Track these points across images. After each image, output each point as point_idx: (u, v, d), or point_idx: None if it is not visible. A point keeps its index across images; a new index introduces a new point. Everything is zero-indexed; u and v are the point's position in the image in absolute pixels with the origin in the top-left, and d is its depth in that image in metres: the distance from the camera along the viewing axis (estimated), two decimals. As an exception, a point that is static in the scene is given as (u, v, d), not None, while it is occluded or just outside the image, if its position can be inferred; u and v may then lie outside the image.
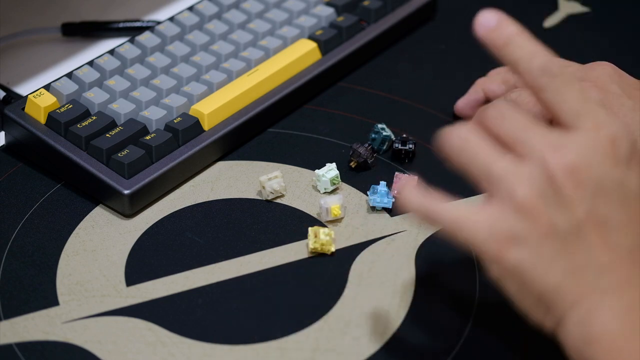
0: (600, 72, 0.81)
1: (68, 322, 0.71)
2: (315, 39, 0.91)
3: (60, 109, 0.81)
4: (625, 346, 0.58)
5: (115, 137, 0.79)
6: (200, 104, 0.83)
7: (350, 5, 0.95)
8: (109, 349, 0.69)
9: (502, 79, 0.86)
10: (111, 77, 0.85)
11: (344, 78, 0.93)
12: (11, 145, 0.83)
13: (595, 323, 0.59)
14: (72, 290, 0.73)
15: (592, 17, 1.01)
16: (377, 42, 0.95)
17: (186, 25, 0.90)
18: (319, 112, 0.89)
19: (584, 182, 0.59)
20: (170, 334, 0.70)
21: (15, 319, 0.71)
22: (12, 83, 0.91)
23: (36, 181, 0.81)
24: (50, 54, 0.95)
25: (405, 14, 0.97)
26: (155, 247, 0.77)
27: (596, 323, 0.59)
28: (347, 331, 0.71)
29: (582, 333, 0.59)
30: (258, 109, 0.86)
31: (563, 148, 0.59)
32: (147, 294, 0.73)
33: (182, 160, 0.81)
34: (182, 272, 0.75)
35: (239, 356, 0.69)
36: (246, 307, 0.72)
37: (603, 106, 0.61)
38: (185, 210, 0.80)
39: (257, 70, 0.87)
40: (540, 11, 1.02)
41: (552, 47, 0.96)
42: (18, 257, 0.75)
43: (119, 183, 0.78)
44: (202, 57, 0.87)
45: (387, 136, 0.84)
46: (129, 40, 0.88)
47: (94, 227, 0.78)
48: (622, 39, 0.99)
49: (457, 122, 0.62)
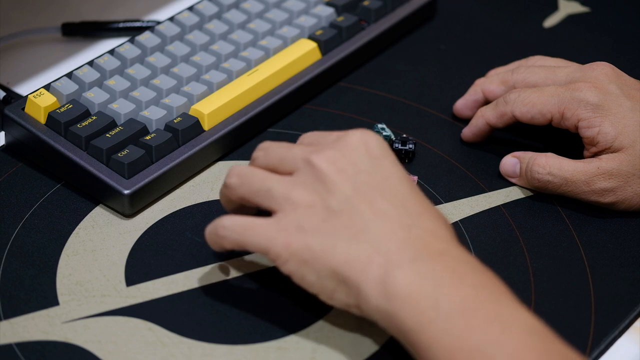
0: (599, 73, 0.81)
1: (68, 322, 0.71)
2: (315, 39, 0.91)
3: (60, 109, 0.81)
4: (424, 294, 0.63)
5: (115, 137, 0.79)
6: (200, 104, 0.83)
7: (350, 5, 0.95)
8: (109, 349, 0.69)
9: (501, 80, 0.86)
10: (111, 77, 0.85)
11: (344, 78, 0.93)
12: (11, 145, 0.83)
13: (391, 279, 0.63)
14: (72, 290, 0.73)
15: (592, 17, 1.01)
16: (377, 42, 0.95)
17: (186, 25, 0.90)
18: (319, 112, 0.89)
19: (344, 168, 0.67)
20: (170, 334, 0.70)
21: (15, 319, 0.71)
22: (12, 83, 0.91)
23: (36, 181, 0.81)
24: (50, 54, 0.95)
25: (405, 14, 0.97)
26: (155, 247, 0.77)
27: (393, 278, 0.63)
28: (347, 331, 0.71)
29: (381, 291, 0.64)
30: (258, 109, 0.86)
31: (322, 149, 0.68)
32: (147, 294, 0.73)
33: (182, 160, 0.81)
34: (182, 272, 0.75)
35: (239, 356, 0.69)
36: (246, 307, 0.72)
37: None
38: (185, 210, 0.80)
39: (257, 70, 0.87)
40: (540, 11, 1.02)
41: (552, 47, 0.97)
42: (18, 257, 0.75)
43: (119, 183, 0.78)
44: (202, 57, 0.87)
45: (387, 136, 0.84)
46: (129, 40, 0.88)
47: (94, 227, 0.78)
48: (622, 39, 0.99)
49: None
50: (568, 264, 0.77)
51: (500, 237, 0.79)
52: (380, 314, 0.64)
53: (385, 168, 0.68)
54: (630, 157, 0.78)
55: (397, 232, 0.66)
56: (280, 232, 0.67)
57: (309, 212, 0.67)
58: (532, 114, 0.81)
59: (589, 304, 0.74)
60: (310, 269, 0.66)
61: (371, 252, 0.65)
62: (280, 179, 0.69)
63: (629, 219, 0.80)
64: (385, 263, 0.64)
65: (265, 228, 0.67)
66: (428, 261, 0.64)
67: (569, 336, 0.65)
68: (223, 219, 0.70)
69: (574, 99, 0.80)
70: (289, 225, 0.67)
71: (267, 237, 0.67)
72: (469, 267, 0.65)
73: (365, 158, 0.68)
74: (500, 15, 1.01)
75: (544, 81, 0.83)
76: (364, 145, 0.69)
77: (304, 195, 0.67)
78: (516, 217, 0.80)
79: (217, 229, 0.70)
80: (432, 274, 0.63)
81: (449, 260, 0.65)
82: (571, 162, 0.80)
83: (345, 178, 0.67)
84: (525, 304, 0.73)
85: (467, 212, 0.81)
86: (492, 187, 0.83)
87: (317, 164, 0.68)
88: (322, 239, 0.66)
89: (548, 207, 0.81)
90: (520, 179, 0.82)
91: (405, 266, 0.64)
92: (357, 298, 0.65)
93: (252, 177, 0.70)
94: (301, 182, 0.68)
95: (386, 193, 0.67)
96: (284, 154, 0.70)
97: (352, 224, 0.66)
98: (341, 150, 0.68)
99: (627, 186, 0.79)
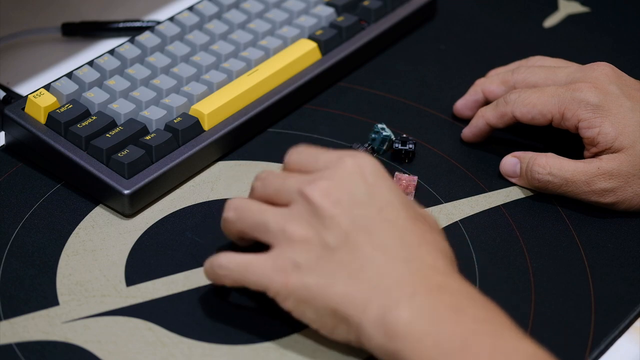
0: (599, 73, 0.81)
1: (68, 322, 0.71)
2: (315, 39, 0.91)
3: (60, 109, 0.81)
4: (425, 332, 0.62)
5: (115, 137, 0.79)
6: (200, 104, 0.83)
7: (350, 5, 0.95)
8: (109, 349, 0.69)
9: (501, 80, 0.86)
10: (111, 77, 0.85)
11: (344, 78, 0.93)
12: (11, 145, 0.83)
13: (392, 318, 0.63)
14: (72, 290, 0.73)
15: (592, 17, 1.01)
16: (377, 42, 0.95)
17: (186, 25, 0.90)
18: (319, 112, 0.89)
19: (339, 200, 0.66)
20: (170, 334, 0.70)
21: (15, 319, 0.71)
22: (12, 83, 0.91)
23: (36, 181, 0.81)
24: (50, 54, 0.95)
25: (405, 14, 0.97)
26: (155, 247, 0.77)
27: (393, 317, 0.63)
28: (347, 331, 0.71)
29: (382, 330, 0.63)
30: (258, 109, 0.86)
31: (316, 180, 0.67)
32: (147, 294, 0.73)
33: (182, 160, 0.81)
34: (182, 272, 0.75)
35: (239, 356, 0.69)
36: (246, 307, 0.72)
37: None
38: (185, 210, 0.80)
39: (257, 70, 0.87)
40: (540, 11, 1.02)
41: (552, 47, 0.97)
42: (18, 257, 0.75)
43: (119, 183, 0.78)
44: (202, 57, 0.87)
45: (387, 136, 0.84)
46: (129, 40, 0.88)
47: (94, 227, 0.78)
48: (622, 39, 0.99)
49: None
50: (568, 264, 0.77)
51: (500, 237, 0.79)
52: (382, 352, 0.64)
53: (383, 196, 0.67)
54: (630, 158, 0.78)
55: (396, 267, 0.64)
56: (277, 270, 0.66)
57: (305, 248, 0.66)
58: (532, 115, 0.81)
59: (589, 304, 0.74)
60: (309, 306, 0.66)
61: (370, 291, 0.64)
62: (275, 212, 0.67)
63: (629, 219, 0.80)
64: (385, 302, 0.63)
65: (263, 266, 0.66)
66: (427, 297, 0.63)
67: (569, 336, 0.66)
68: (220, 257, 0.69)
69: (574, 99, 0.80)
70: (286, 262, 0.66)
71: (265, 275, 0.66)
72: (469, 301, 0.64)
73: (361, 187, 0.67)
74: (500, 15, 1.01)
75: (544, 81, 0.83)
76: (359, 172, 0.67)
77: (300, 229, 0.66)
78: (516, 217, 0.80)
79: (215, 267, 0.69)
80: (432, 311, 0.63)
81: (448, 295, 0.64)
82: (571, 162, 0.80)
83: (341, 211, 0.66)
84: (525, 304, 0.73)
85: (467, 212, 0.81)
86: (492, 187, 0.83)
87: (312, 198, 0.66)
88: (319, 277, 0.65)
89: (548, 207, 0.81)
90: (521, 179, 0.82)
91: (404, 304, 0.63)
92: (358, 336, 0.65)
93: (248, 211, 0.69)
94: (296, 215, 0.66)
95: (384, 225, 0.66)
96: (280, 186, 0.68)
97: (350, 260, 0.65)
98: (335, 180, 0.67)
99: (627, 186, 0.79)
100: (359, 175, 0.67)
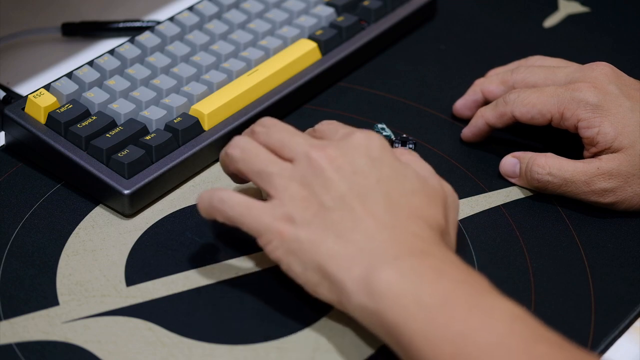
0: (598, 73, 0.81)
1: (68, 322, 0.71)
2: (315, 39, 0.91)
3: (60, 109, 0.81)
4: (406, 290, 0.64)
5: (115, 137, 0.79)
6: (200, 104, 0.83)
7: (350, 5, 0.95)
8: (109, 349, 0.69)
9: (500, 80, 0.86)
10: (111, 77, 0.85)
11: (344, 78, 0.93)
12: (11, 145, 0.83)
13: (374, 278, 0.65)
14: (72, 290, 0.73)
15: (592, 17, 1.01)
16: (377, 42, 0.95)
17: (186, 25, 0.90)
18: (319, 112, 0.89)
19: (341, 167, 0.69)
20: (170, 334, 0.70)
21: (15, 319, 0.71)
22: (12, 83, 0.91)
23: (36, 181, 0.81)
24: (50, 54, 0.95)
25: (405, 14, 0.97)
26: (155, 247, 0.77)
27: (376, 277, 0.65)
28: (347, 331, 0.71)
29: (364, 290, 0.65)
30: (258, 109, 0.86)
31: (324, 147, 0.70)
32: (147, 294, 0.73)
33: (182, 160, 0.81)
34: (182, 272, 0.75)
35: (239, 356, 0.69)
36: (246, 307, 0.72)
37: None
38: (185, 210, 0.80)
39: (257, 70, 0.87)
40: (540, 11, 1.02)
41: (552, 47, 0.97)
42: (18, 257, 0.75)
43: (119, 183, 0.78)
44: (202, 57, 0.87)
45: (387, 136, 0.84)
46: (129, 40, 0.88)
47: (94, 227, 0.78)
48: (622, 39, 0.99)
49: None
50: (568, 264, 0.77)
51: (500, 237, 0.79)
52: (362, 311, 0.65)
53: (383, 170, 0.69)
54: (630, 157, 0.78)
55: (383, 232, 0.67)
56: (275, 220, 0.68)
57: (303, 205, 0.68)
58: (531, 114, 0.81)
59: (589, 304, 0.74)
60: (297, 259, 0.68)
61: (356, 252, 0.66)
62: (282, 167, 0.70)
63: (629, 219, 0.80)
64: (369, 262, 0.65)
65: (262, 213, 0.69)
66: (410, 259, 0.65)
67: (569, 336, 0.65)
68: (222, 192, 0.70)
69: (573, 99, 0.80)
70: (284, 215, 0.68)
71: (262, 222, 0.68)
72: (451, 265, 0.66)
73: (363, 159, 0.69)
74: (500, 15, 1.01)
75: (543, 81, 0.83)
76: (365, 146, 0.70)
77: (301, 189, 0.69)
78: (516, 217, 0.80)
79: (214, 200, 0.70)
80: (414, 272, 0.65)
81: (430, 259, 0.66)
82: (571, 163, 0.80)
83: (341, 177, 0.68)
84: (525, 304, 0.73)
85: (467, 212, 0.81)
86: (492, 187, 0.83)
87: (317, 161, 0.69)
88: (311, 233, 0.67)
89: (548, 207, 0.81)
90: (520, 179, 0.82)
91: (387, 265, 0.65)
92: (340, 294, 0.66)
93: (255, 157, 0.71)
94: (300, 174, 0.69)
95: (379, 194, 0.68)
96: (286, 141, 0.71)
97: (342, 222, 0.67)
98: (342, 149, 0.69)
99: (627, 186, 0.79)
100: (365, 148, 0.70)
